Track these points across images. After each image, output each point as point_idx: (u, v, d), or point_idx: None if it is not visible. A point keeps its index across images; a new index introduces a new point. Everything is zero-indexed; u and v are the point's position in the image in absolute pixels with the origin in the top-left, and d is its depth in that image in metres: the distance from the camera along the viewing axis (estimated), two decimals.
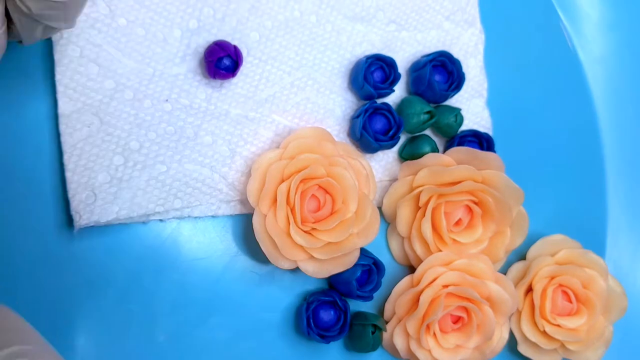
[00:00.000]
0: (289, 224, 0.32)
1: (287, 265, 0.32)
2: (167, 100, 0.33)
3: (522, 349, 0.37)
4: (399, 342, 0.35)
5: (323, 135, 0.33)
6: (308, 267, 0.33)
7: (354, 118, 0.35)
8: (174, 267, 0.33)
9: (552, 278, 0.37)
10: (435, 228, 0.35)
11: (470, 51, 0.38)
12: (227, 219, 0.34)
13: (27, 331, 0.23)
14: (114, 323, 0.32)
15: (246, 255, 0.34)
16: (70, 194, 0.31)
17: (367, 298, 0.34)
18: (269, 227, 0.32)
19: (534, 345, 0.37)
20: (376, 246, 0.36)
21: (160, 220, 0.33)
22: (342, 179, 0.32)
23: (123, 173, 0.31)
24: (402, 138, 0.37)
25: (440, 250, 0.35)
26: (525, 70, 0.40)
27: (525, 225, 0.37)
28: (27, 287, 0.31)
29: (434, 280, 0.34)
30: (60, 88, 0.31)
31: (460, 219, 0.35)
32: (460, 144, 0.36)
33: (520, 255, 0.38)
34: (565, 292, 0.37)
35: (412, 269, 0.36)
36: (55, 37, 0.31)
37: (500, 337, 0.35)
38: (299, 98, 0.35)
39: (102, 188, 0.31)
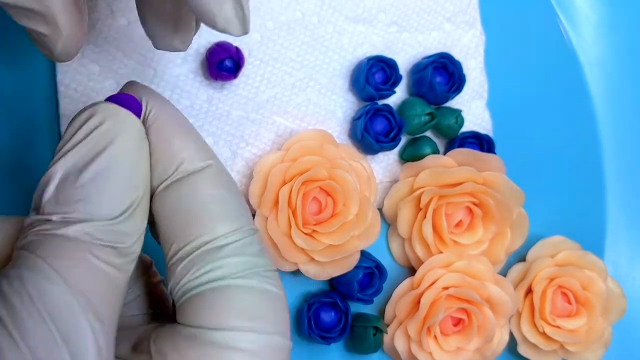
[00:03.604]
0: (290, 226, 0.32)
1: (288, 267, 0.32)
2: None
3: (522, 350, 0.37)
4: (400, 344, 0.35)
5: (325, 137, 0.33)
6: (309, 270, 0.33)
7: (355, 119, 0.35)
8: None
9: (552, 279, 0.37)
10: (436, 229, 0.35)
11: (470, 53, 0.38)
12: None
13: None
14: None
15: None
16: None
17: (368, 301, 0.34)
18: (271, 229, 0.32)
19: (534, 346, 0.37)
20: (377, 247, 0.35)
21: None
22: (343, 181, 0.32)
23: None
24: (403, 139, 0.37)
25: (441, 252, 0.35)
26: (525, 72, 0.40)
27: (525, 226, 0.37)
28: None
29: (434, 282, 0.34)
30: (61, 88, 0.31)
31: (461, 221, 0.35)
32: (460, 145, 0.37)
33: (520, 256, 0.38)
34: (564, 294, 0.37)
35: (412, 270, 0.36)
36: None
37: (500, 339, 0.36)
38: (300, 99, 0.35)
39: None
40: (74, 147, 0.20)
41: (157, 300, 0.25)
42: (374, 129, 0.35)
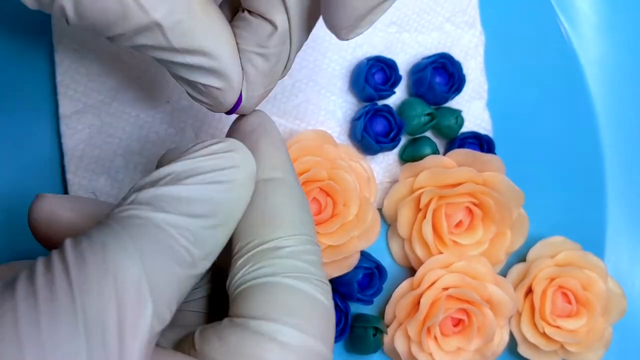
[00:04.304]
0: None
1: None
2: (168, 101, 0.32)
3: (522, 350, 0.37)
4: (400, 345, 0.35)
5: (325, 137, 0.33)
6: None
7: (354, 120, 0.35)
8: None
9: (552, 280, 0.37)
10: (435, 230, 0.35)
11: (470, 53, 0.38)
12: None
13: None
14: None
15: None
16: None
17: (368, 302, 0.34)
18: None
19: (534, 346, 0.37)
20: (377, 248, 0.36)
21: None
22: (343, 182, 0.32)
23: (124, 175, 0.31)
24: (403, 140, 0.37)
25: (441, 252, 0.35)
26: (524, 72, 0.40)
27: (525, 226, 0.37)
28: None
29: (434, 282, 0.34)
30: (61, 89, 0.31)
31: (460, 221, 0.35)
32: (460, 145, 0.37)
33: (521, 257, 0.38)
34: (565, 294, 0.37)
35: (412, 271, 0.36)
36: (56, 38, 0.31)
37: (500, 339, 0.36)
38: (300, 100, 0.35)
39: (103, 190, 0.31)
40: (195, 157, 0.20)
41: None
42: (373, 130, 0.35)
